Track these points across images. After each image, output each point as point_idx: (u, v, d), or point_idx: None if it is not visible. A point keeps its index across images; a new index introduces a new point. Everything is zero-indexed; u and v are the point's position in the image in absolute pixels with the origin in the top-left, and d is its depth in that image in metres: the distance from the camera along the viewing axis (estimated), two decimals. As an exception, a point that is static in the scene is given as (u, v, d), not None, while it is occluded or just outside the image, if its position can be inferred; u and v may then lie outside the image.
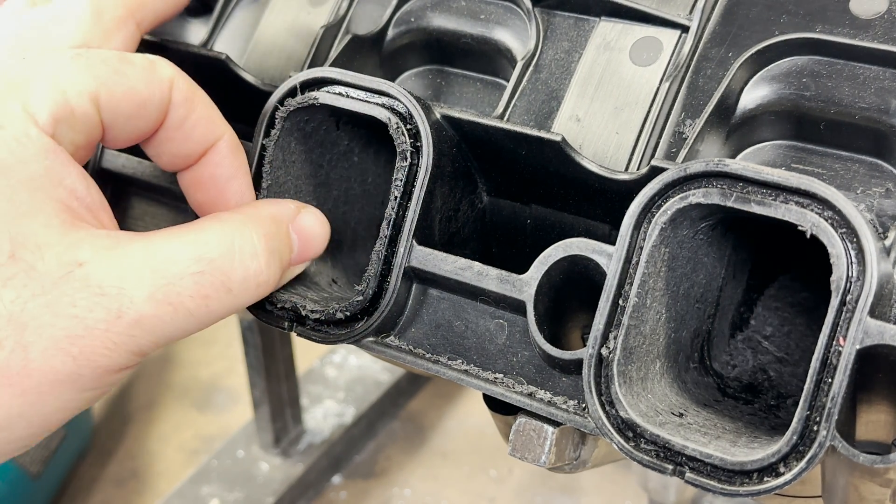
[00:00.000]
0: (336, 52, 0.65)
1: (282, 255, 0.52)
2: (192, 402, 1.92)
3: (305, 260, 0.55)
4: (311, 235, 0.54)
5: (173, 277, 0.46)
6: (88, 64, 0.49)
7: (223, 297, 0.48)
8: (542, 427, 0.53)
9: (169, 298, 0.46)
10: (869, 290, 0.43)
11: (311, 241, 0.54)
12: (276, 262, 0.51)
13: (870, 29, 0.55)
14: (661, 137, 0.57)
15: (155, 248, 0.47)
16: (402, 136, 0.54)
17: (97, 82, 0.48)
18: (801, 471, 0.44)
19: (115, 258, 0.46)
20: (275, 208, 0.53)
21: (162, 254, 0.47)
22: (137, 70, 0.50)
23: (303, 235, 0.54)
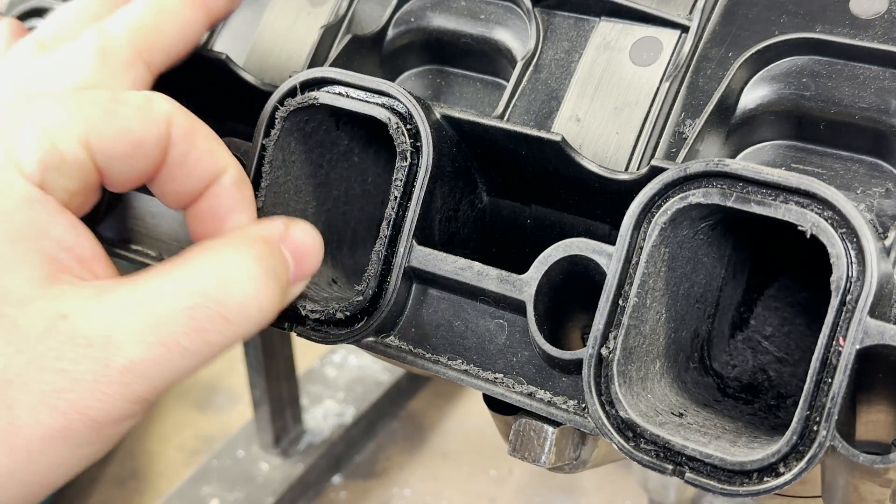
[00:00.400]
0: (336, 52, 0.65)
1: (278, 274, 0.49)
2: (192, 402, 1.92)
3: (304, 276, 0.53)
4: (305, 250, 0.52)
5: (164, 316, 0.44)
6: (78, 106, 0.47)
7: (222, 328, 0.46)
8: (542, 427, 0.53)
9: (161, 339, 0.44)
10: (869, 290, 0.43)
11: (307, 256, 0.52)
12: (273, 283, 0.49)
13: (870, 29, 0.55)
14: (661, 137, 0.57)
15: (142, 291, 0.45)
16: (402, 136, 0.54)
17: (87, 125, 0.46)
18: (801, 471, 0.44)
19: (101, 307, 0.44)
20: (263, 229, 0.51)
21: (150, 295, 0.45)
22: (131, 109, 0.48)
23: (296, 251, 0.52)
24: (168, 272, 0.46)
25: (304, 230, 0.53)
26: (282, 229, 0.52)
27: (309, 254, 0.52)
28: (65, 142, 0.46)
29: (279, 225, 0.52)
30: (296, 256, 0.52)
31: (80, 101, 0.47)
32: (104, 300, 0.44)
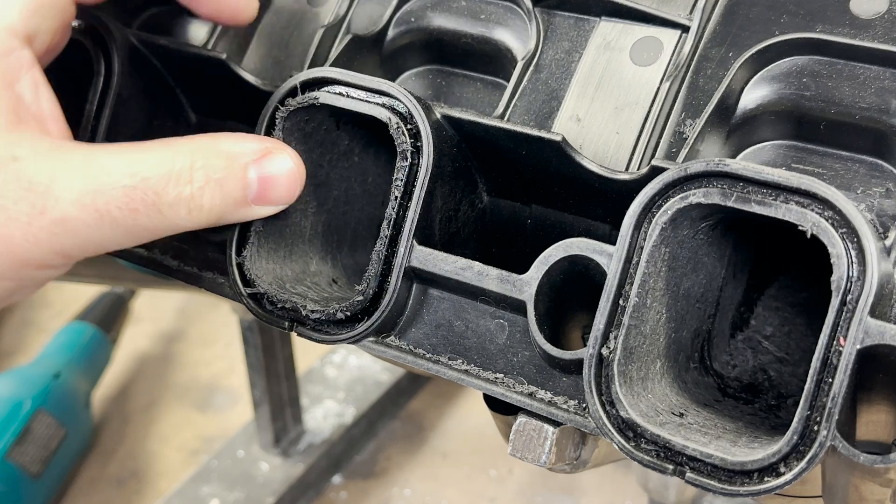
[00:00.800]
0: (336, 52, 0.65)
1: (228, 190, 0.51)
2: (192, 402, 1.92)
3: (269, 203, 0.53)
4: (275, 179, 0.53)
5: (104, 185, 0.47)
6: None
7: (153, 215, 0.48)
8: (542, 427, 0.53)
9: (96, 204, 0.47)
10: (869, 289, 0.43)
11: (274, 185, 0.53)
12: (216, 195, 0.50)
13: (870, 29, 0.55)
14: (661, 137, 0.57)
15: (93, 157, 0.48)
16: (402, 135, 0.54)
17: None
18: (802, 471, 0.44)
19: (51, 160, 0.47)
20: (234, 145, 0.52)
21: (98, 162, 0.47)
22: None
23: (265, 177, 0.52)
24: (123, 152, 0.49)
25: (282, 160, 0.53)
26: (256, 151, 0.52)
27: (278, 183, 0.53)
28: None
29: (254, 146, 0.52)
30: (262, 181, 0.52)
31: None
32: (56, 155, 0.47)
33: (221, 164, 0.50)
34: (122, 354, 1.96)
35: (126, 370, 1.97)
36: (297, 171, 0.54)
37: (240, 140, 0.53)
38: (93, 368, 1.79)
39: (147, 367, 1.99)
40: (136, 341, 2.01)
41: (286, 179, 0.53)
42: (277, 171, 0.53)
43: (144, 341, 2.03)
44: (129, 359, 1.98)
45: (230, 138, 0.52)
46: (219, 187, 0.50)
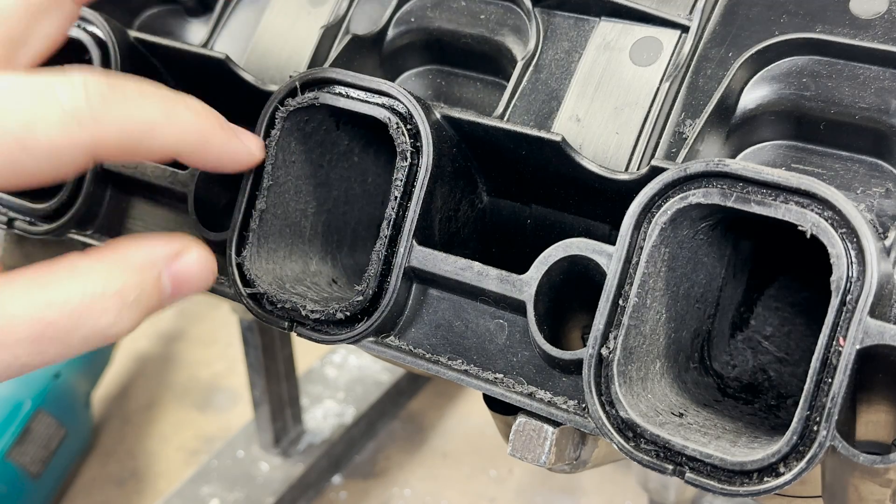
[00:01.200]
0: (336, 52, 0.65)
1: (144, 305, 0.48)
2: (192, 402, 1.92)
3: (183, 296, 0.51)
4: (189, 279, 0.50)
5: (8, 337, 0.44)
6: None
7: (62, 351, 0.46)
8: (542, 427, 0.53)
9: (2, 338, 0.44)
10: (869, 290, 0.43)
11: (189, 283, 0.51)
12: (134, 313, 0.48)
13: (870, 29, 0.55)
14: (661, 137, 0.57)
15: (3, 287, 0.45)
16: (402, 136, 0.54)
17: None
18: (801, 471, 0.44)
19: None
20: (146, 254, 0.49)
21: (3, 292, 0.45)
22: None
23: (179, 279, 0.50)
24: (28, 289, 0.46)
25: (195, 257, 0.51)
26: (170, 254, 0.50)
27: (191, 282, 0.51)
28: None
29: (165, 250, 0.50)
30: (175, 282, 0.50)
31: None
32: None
33: (135, 281, 0.48)
34: (122, 354, 1.96)
35: (126, 370, 1.97)
36: (207, 261, 0.51)
37: (150, 247, 0.50)
38: (93, 368, 1.79)
39: (147, 367, 1.99)
40: (136, 341, 2.01)
41: (197, 274, 0.51)
42: (188, 270, 0.50)
43: (144, 341, 2.03)
44: (129, 359, 1.98)
45: (140, 248, 0.49)
46: (135, 307, 0.48)
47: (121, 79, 0.47)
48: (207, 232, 0.59)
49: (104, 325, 0.46)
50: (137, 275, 0.48)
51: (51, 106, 0.44)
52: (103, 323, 0.46)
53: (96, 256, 0.48)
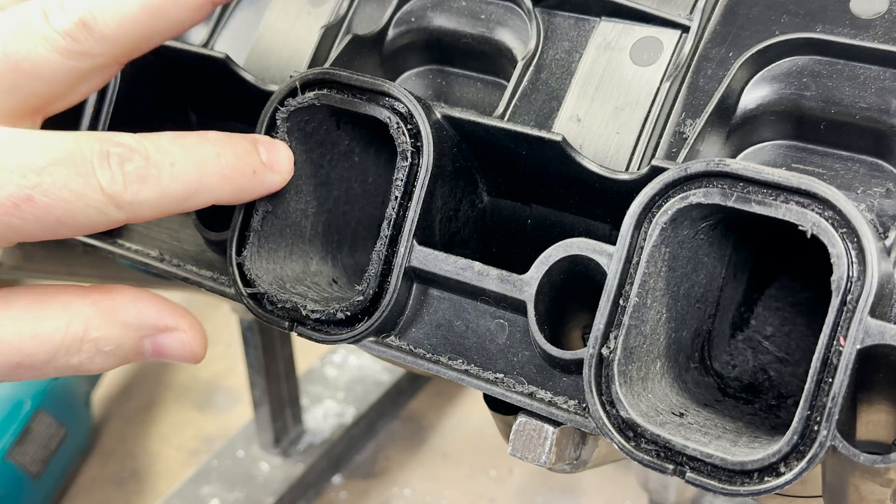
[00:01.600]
0: (336, 52, 0.65)
1: (119, 357, 0.49)
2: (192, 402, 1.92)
3: (162, 359, 0.52)
4: (170, 353, 0.51)
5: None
6: None
7: (31, 375, 0.47)
8: (542, 427, 0.53)
9: None
10: (869, 289, 0.43)
11: (169, 356, 0.51)
12: (108, 361, 0.49)
13: (870, 29, 0.55)
14: (661, 137, 0.57)
15: None
16: (402, 135, 0.54)
17: None
18: (802, 471, 0.44)
19: None
20: (136, 316, 0.50)
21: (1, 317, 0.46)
22: None
23: (160, 350, 0.51)
24: (16, 316, 0.46)
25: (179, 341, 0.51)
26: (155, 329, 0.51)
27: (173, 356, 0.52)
28: None
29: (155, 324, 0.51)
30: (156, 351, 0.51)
31: None
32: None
33: (116, 334, 0.49)
34: (122, 354, 1.96)
35: (126, 370, 1.97)
36: (192, 345, 0.52)
37: (143, 310, 0.50)
38: (93, 368, 1.78)
39: (147, 367, 1.99)
40: (136, 341, 2.01)
41: (178, 353, 0.52)
42: (169, 346, 0.51)
43: (144, 341, 2.02)
44: (129, 359, 1.98)
45: (133, 307, 0.50)
46: (110, 356, 0.49)
47: (154, 146, 0.47)
48: (207, 232, 0.59)
49: (76, 364, 0.47)
50: (121, 330, 0.49)
51: (92, 189, 0.44)
52: (75, 362, 0.47)
53: (91, 299, 0.48)
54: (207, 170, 0.48)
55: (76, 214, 0.44)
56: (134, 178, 0.45)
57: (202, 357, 0.52)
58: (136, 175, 0.45)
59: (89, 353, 0.48)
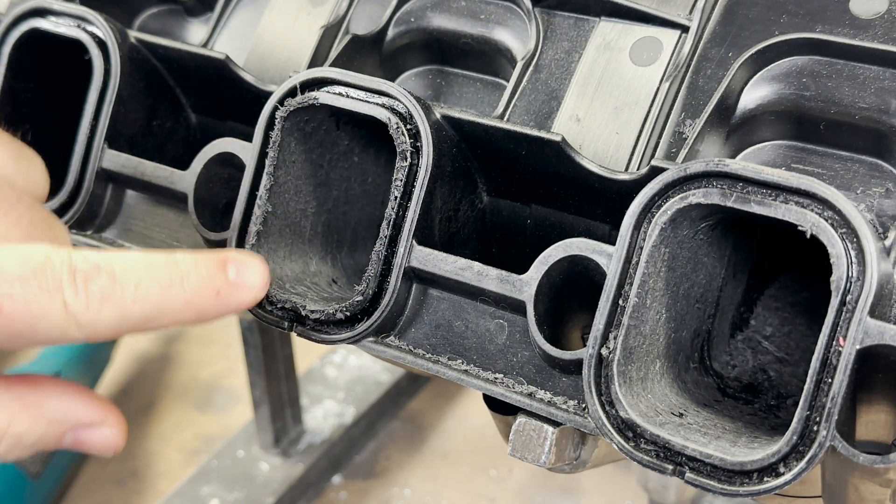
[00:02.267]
0: (336, 52, 0.65)
1: (39, 447, 0.49)
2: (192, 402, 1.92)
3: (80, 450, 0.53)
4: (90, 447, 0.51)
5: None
6: None
7: None
8: (542, 427, 0.53)
9: None
10: (869, 290, 0.43)
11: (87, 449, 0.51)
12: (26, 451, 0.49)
13: (870, 29, 0.55)
14: (661, 137, 0.57)
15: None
16: (402, 136, 0.54)
17: None
18: (801, 471, 0.44)
19: None
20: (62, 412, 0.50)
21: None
22: None
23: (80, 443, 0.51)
24: None
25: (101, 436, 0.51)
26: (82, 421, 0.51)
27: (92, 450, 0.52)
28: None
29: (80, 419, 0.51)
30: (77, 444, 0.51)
31: None
32: None
33: (39, 430, 0.49)
34: (122, 354, 1.96)
35: (126, 370, 1.97)
36: (113, 441, 0.52)
37: (68, 406, 0.50)
38: (93, 368, 1.79)
39: (147, 367, 1.99)
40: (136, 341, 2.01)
41: (98, 447, 0.51)
42: (91, 440, 0.51)
43: (144, 341, 2.03)
44: (129, 359, 1.98)
45: (58, 403, 0.50)
46: (29, 448, 0.49)
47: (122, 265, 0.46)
48: (207, 232, 0.59)
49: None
50: (44, 426, 0.49)
51: (56, 306, 0.44)
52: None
53: (17, 394, 0.48)
54: (172, 293, 0.48)
55: (37, 328, 0.44)
56: (97, 298, 0.45)
57: (121, 449, 0.53)
58: (99, 294, 0.45)
59: (8, 446, 0.48)
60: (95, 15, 0.63)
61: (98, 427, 0.51)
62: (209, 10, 0.72)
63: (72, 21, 0.64)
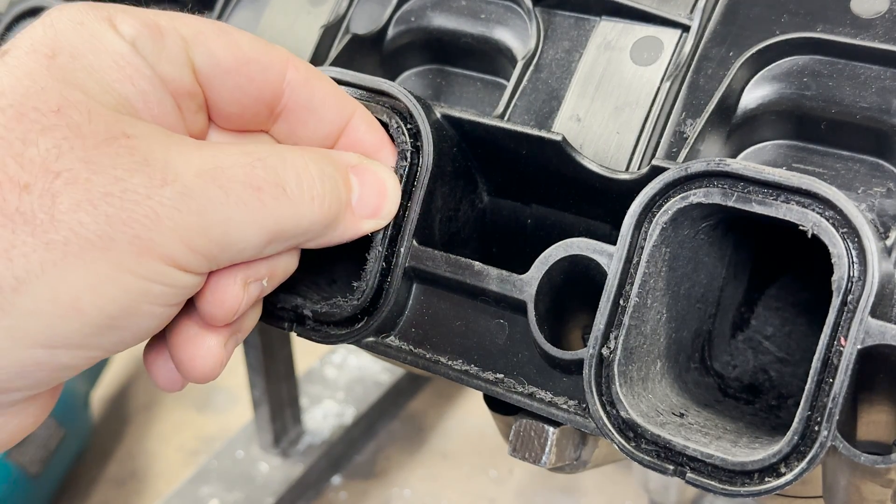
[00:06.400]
0: (336, 52, 0.65)
1: (338, 183, 0.48)
2: (191, 402, 1.92)
3: (370, 212, 0.51)
4: (375, 184, 0.51)
5: (223, 163, 0.44)
6: (188, 17, 0.47)
7: (278, 195, 0.45)
8: (542, 427, 0.53)
9: (218, 180, 0.43)
10: (870, 290, 0.43)
11: (375, 190, 0.51)
12: (330, 185, 0.48)
13: (871, 28, 0.55)
14: (661, 137, 0.56)
15: (206, 143, 0.45)
16: (402, 135, 0.53)
17: (193, 25, 0.47)
18: (802, 471, 0.44)
19: (165, 140, 0.43)
20: (333, 151, 0.50)
21: (212, 146, 0.45)
22: (243, 34, 0.48)
23: (368, 182, 0.50)
24: (232, 141, 0.47)
25: (380, 169, 0.51)
26: (355, 159, 0.51)
27: (378, 190, 0.51)
28: (167, 27, 0.46)
29: (354, 155, 0.51)
30: (364, 185, 0.50)
31: (197, 17, 0.48)
32: (171, 139, 0.44)
33: (326, 160, 0.49)
34: (122, 354, 1.96)
35: (126, 370, 1.97)
36: (394, 181, 0.52)
37: (338, 151, 0.51)
38: (92, 368, 1.79)
39: (147, 367, 1.99)
40: (136, 341, 2.01)
41: (386, 186, 0.52)
42: (375, 176, 0.51)
43: (144, 341, 2.02)
44: (129, 359, 1.98)
45: (324, 149, 0.51)
46: (331, 180, 0.48)
47: None
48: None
49: (308, 178, 0.48)
50: (326, 157, 0.50)
51: None
52: (307, 175, 0.48)
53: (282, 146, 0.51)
54: None
55: None
56: None
57: (396, 203, 0.53)
58: None
59: (315, 172, 0.47)
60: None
61: (368, 166, 0.51)
62: (209, 10, 0.72)
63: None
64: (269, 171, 0.45)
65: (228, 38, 0.48)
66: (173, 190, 0.42)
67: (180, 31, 0.46)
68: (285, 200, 0.45)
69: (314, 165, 0.47)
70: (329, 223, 0.48)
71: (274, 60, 0.49)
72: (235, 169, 0.44)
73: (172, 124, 0.46)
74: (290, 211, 0.46)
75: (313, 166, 0.47)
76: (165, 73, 0.46)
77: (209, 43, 0.47)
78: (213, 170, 0.43)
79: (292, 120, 0.50)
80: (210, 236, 0.43)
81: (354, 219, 0.50)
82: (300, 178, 0.46)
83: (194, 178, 0.42)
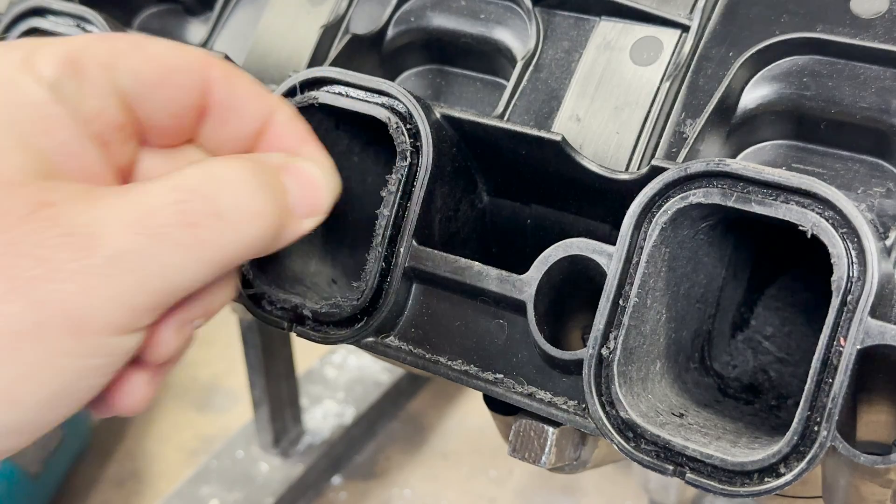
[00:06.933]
0: (336, 52, 0.65)
1: (275, 191, 0.47)
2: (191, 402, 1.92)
3: (309, 210, 0.50)
4: (309, 181, 0.49)
5: (151, 208, 0.42)
6: (104, 37, 0.46)
7: (213, 223, 0.43)
8: (542, 427, 0.53)
9: (148, 229, 0.41)
10: (870, 290, 0.43)
11: (311, 187, 0.50)
12: (268, 195, 0.46)
13: (870, 29, 0.55)
14: (661, 137, 0.56)
15: (131, 188, 0.43)
16: (402, 135, 0.53)
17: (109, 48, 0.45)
18: (802, 471, 0.44)
19: (89, 200, 0.41)
20: (261, 155, 0.49)
21: (138, 192, 0.42)
22: (161, 43, 0.47)
23: (300, 181, 0.49)
24: (157, 179, 0.44)
25: (311, 164, 0.50)
26: (282, 159, 0.49)
27: (313, 186, 0.50)
28: (85, 57, 0.44)
29: (280, 155, 0.50)
30: (299, 185, 0.49)
31: (107, 36, 0.47)
32: (92, 196, 0.42)
33: (260, 168, 0.47)
34: (122, 354, 1.96)
35: (126, 370, 1.97)
36: (327, 173, 0.51)
37: (264, 153, 0.50)
38: (92, 368, 1.78)
39: (147, 367, 1.99)
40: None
41: (319, 180, 0.50)
42: (308, 174, 0.50)
43: (144, 341, 2.03)
44: (128, 359, 1.98)
45: (252, 154, 0.50)
46: (268, 189, 0.47)
47: None
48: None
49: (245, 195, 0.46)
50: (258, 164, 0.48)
51: None
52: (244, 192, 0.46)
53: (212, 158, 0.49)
54: None
55: None
56: None
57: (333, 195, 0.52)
58: None
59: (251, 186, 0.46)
60: (95, 14, 0.62)
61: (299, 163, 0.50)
62: (209, 10, 0.72)
63: (71, 21, 0.63)
64: (201, 202, 0.43)
65: (145, 52, 0.46)
66: (102, 255, 0.40)
67: (98, 58, 0.45)
68: (224, 228, 0.44)
69: (251, 177, 0.46)
70: (275, 234, 0.47)
71: (194, 62, 0.47)
72: (165, 210, 0.42)
73: (97, 171, 0.45)
74: (232, 237, 0.44)
75: (251, 179, 0.46)
76: (90, 110, 0.45)
77: (129, 62, 0.46)
78: (141, 218, 0.41)
79: (216, 121, 0.49)
80: (150, 290, 0.42)
81: (295, 221, 0.49)
82: (237, 197, 0.45)
83: (123, 234, 0.41)
